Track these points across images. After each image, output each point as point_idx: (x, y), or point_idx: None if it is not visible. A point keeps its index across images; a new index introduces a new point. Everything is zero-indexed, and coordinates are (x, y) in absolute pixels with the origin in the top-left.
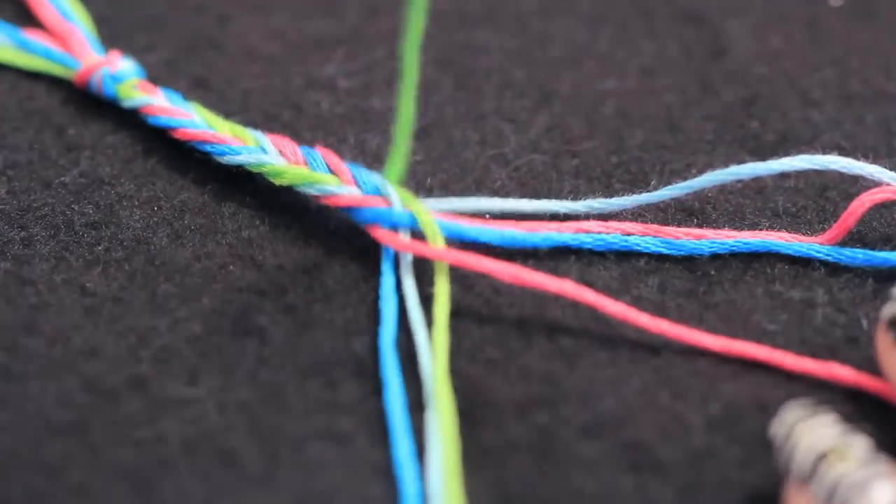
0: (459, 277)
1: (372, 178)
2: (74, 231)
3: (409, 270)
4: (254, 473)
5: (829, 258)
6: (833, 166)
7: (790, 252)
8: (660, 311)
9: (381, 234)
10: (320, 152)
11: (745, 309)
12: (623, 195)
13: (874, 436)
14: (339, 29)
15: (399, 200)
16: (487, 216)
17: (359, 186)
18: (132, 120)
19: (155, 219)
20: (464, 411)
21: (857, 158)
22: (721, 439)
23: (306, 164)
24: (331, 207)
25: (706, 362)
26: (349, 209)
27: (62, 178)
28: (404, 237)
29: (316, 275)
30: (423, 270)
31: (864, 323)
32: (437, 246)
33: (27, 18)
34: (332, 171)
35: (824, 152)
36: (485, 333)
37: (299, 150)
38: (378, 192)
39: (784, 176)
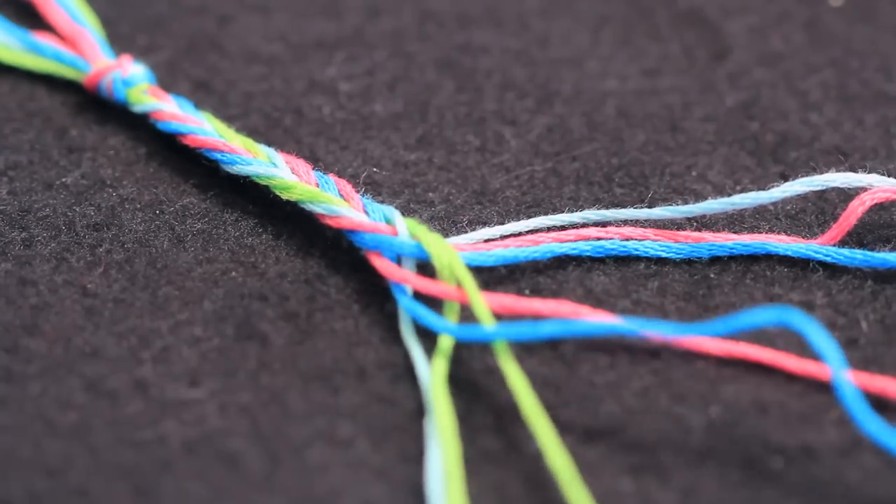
0: None
1: (382, 209)
2: (76, 232)
3: (409, 298)
4: (254, 475)
5: (829, 259)
6: (832, 184)
7: (789, 254)
8: (660, 314)
9: (381, 263)
10: (334, 180)
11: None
12: (623, 199)
13: None
14: (339, 29)
15: (407, 229)
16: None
17: (367, 215)
18: (134, 123)
19: (157, 222)
20: (463, 416)
21: (856, 160)
22: (721, 441)
23: (317, 186)
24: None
25: (706, 365)
26: (352, 233)
27: (63, 180)
28: (408, 267)
29: (318, 285)
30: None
31: (864, 324)
32: (440, 282)
33: (37, 21)
34: (342, 197)
35: (824, 154)
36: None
37: (313, 173)
38: (386, 221)
39: (782, 178)
